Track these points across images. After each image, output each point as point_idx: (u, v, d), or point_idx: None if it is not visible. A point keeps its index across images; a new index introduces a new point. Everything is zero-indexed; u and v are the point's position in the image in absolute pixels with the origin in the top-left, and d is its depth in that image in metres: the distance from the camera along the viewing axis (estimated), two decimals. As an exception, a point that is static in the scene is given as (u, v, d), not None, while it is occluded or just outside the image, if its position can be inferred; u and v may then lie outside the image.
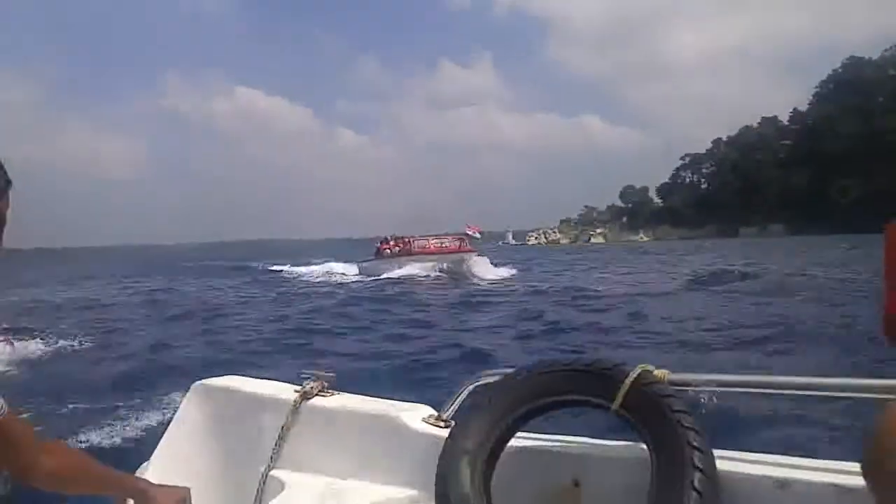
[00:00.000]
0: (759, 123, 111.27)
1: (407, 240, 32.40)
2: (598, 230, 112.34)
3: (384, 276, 28.42)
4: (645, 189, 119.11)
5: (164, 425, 2.30)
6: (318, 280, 30.15)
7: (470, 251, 30.92)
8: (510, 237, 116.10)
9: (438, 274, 28.09)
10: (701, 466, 1.26)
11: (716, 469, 1.29)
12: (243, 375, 2.35)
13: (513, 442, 1.58)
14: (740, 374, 1.40)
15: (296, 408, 1.96)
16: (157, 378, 7.72)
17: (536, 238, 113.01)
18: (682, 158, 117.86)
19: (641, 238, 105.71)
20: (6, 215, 1.03)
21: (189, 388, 2.30)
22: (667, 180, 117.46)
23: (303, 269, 35.64)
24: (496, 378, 1.62)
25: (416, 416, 1.82)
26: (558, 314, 14.12)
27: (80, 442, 5.20)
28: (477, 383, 1.70)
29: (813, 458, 1.36)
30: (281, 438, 1.96)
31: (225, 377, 2.32)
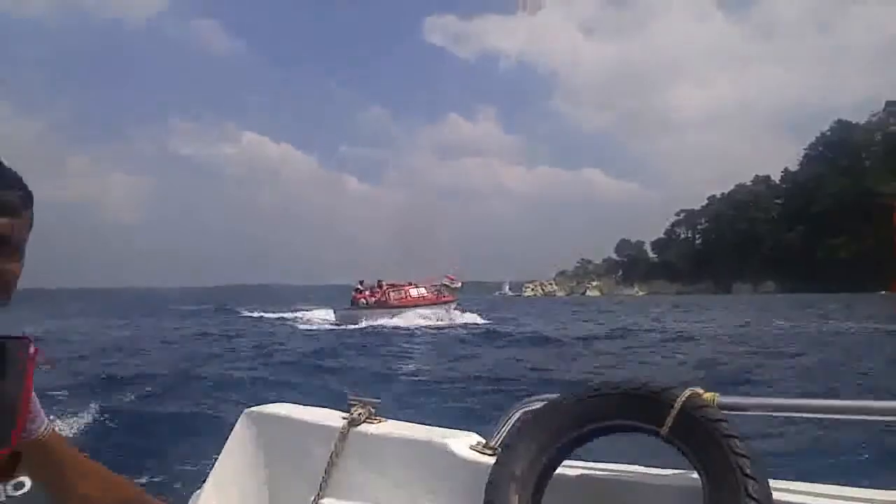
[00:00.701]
0: (752, 181, 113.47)
1: (384, 289, 30.99)
2: (594, 283, 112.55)
3: (359, 325, 27.10)
4: (640, 243, 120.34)
5: (216, 452, 2.30)
6: (280, 325, 29.49)
7: (449, 300, 30.07)
8: (507, 288, 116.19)
9: (417, 325, 26.72)
10: (756, 497, 1.20)
11: (772, 499, 1.23)
12: (293, 403, 2.36)
13: (561, 469, 1.55)
14: (793, 398, 1.35)
15: (344, 435, 1.96)
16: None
17: (533, 290, 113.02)
18: (677, 214, 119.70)
19: (636, 292, 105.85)
20: (26, 236, 0.99)
21: (240, 415, 2.30)
22: (662, 235, 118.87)
23: (287, 315, 34.92)
24: (543, 403, 1.59)
25: (463, 443, 1.81)
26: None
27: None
28: (524, 409, 1.68)
29: (869, 487, 1.32)
30: (330, 465, 1.95)
31: (275, 404, 2.33)
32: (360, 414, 2.01)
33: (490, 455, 1.71)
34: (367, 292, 31.51)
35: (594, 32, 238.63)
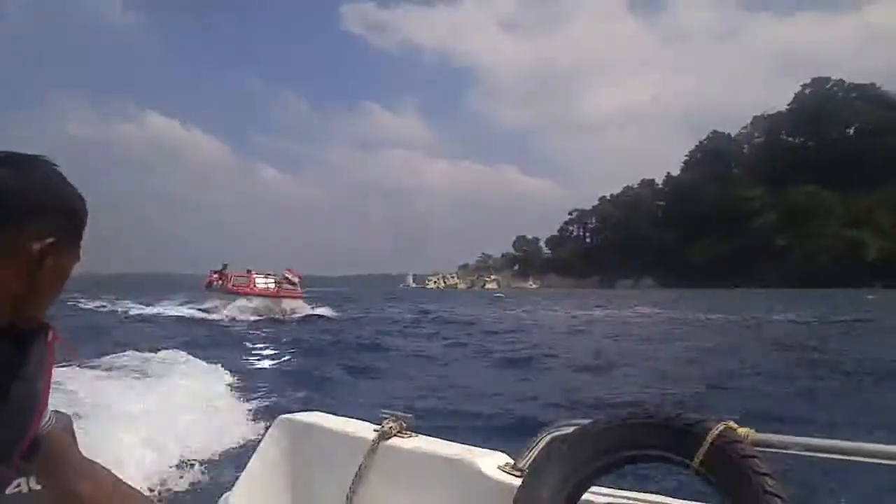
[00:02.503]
0: (638, 184, 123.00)
1: (228, 275, 29.71)
2: (493, 277, 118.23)
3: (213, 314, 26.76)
4: (536, 239, 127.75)
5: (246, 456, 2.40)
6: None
7: (293, 297, 28.88)
8: (410, 280, 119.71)
9: (253, 317, 25.79)
10: None
11: None
12: (325, 412, 2.45)
13: (587, 495, 1.53)
14: (831, 439, 1.34)
15: (374, 447, 2.00)
16: None
17: (436, 282, 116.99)
18: (570, 213, 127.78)
19: (531, 285, 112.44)
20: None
21: (273, 421, 2.39)
22: (556, 233, 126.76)
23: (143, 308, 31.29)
24: (574, 428, 1.57)
25: (492, 462, 1.83)
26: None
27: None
28: (554, 433, 1.66)
29: None
30: (358, 477, 1.99)
31: (308, 413, 2.41)
32: (391, 427, 2.05)
33: (518, 476, 1.73)
34: (216, 275, 30.54)
35: (513, 29, 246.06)
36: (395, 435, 2.02)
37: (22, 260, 0.86)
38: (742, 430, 1.33)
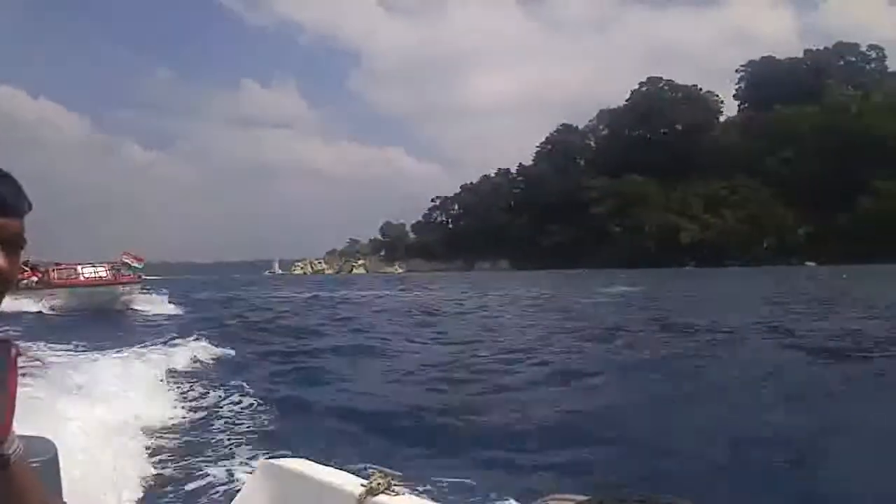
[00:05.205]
0: (495, 173, 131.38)
1: (46, 269, 26.84)
2: (360, 262, 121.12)
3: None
4: (402, 225, 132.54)
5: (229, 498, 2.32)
6: None
7: (132, 281, 26.27)
8: (276, 266, 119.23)
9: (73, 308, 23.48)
10: None
11: None
12: (311, 460, 2.44)
13: None
14: None
15: (360, 503, 1.96)
16: None
17: (303, 268, 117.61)
18: (433, 200, 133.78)
19: (397, 270, 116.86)
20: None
21: (256, 466, 2.45)
22: (420, 219, 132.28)
23: None
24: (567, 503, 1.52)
25: None
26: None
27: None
28: None
29: None
30: None
31: (293, 459, 2.42)
32: (378, 484, 2.01)
33: None
34: (29, 271, 26.88)
35: (396, 11, 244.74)
36: (382, 492, 1.99)
37: None
38: None
